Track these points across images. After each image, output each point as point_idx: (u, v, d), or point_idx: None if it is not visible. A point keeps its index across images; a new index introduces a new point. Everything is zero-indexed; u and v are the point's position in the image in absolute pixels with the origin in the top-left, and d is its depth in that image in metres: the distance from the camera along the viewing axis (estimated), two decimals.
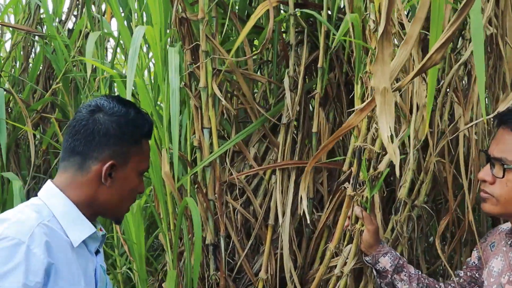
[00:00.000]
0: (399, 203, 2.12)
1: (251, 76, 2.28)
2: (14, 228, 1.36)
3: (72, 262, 1.45)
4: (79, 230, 1.49)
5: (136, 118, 1.54)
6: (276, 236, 2.31)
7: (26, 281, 1.31)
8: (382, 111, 1.12)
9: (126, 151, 1.52)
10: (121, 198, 1.56)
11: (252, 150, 2.34)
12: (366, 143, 1.68)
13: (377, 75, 1.12)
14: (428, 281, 1.95)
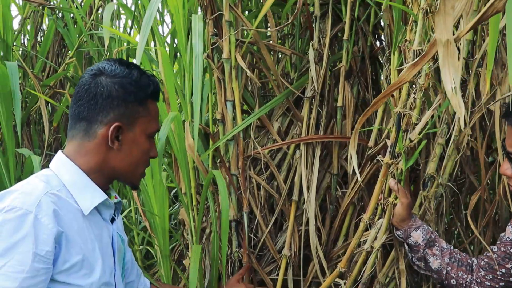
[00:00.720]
0: (428, 178, 2.11)
1: (276, 47, 2.25)
2: (21, 198, 1.37)
3: (85, 230, 1.47)
4: (90, 198, 1.50)
5: (140, 78, 1.53)
6: (300, 212, 2.30)
7: (36, 250, 1.33)
8: (445, 63, 1.10)
9: (132, 112, 1.51)
10: (133, 162, 1.55)
11: (275, 124, 2.32)
12: (406, 109, 1.66)
13: (439, 26, 1.10)
14: (460, 256, 1.95)
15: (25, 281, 1.32)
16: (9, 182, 2.47)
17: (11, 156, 2.44)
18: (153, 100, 1.57)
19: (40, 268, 1.34)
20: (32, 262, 1.33)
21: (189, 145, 2.05)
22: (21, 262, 1.32)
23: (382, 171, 1.84)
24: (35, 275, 1.33)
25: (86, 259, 1.45)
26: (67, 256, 1.41)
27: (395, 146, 1.76)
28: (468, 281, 1.91)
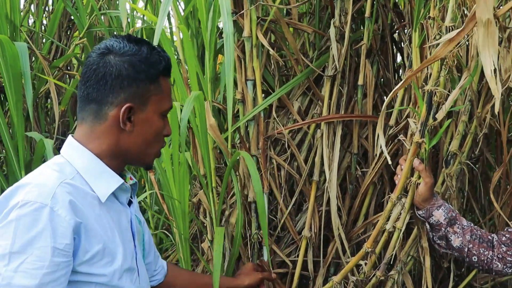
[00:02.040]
0: (450, 155, 2.18)
1: (297, 25, 2.31)
2: (35, 191, 1.37)
3: (103, 217, 1.47)
4: (105, 184, 1.50)
5: (150, 55, 1.50)
6: (321, 193, 2.36)
7: (55, 244, 1.34)
8: (485, 43, 1.15)
9: (144, 91, 1.49)
10: (147, 143, 1.54)
11: (295, 104, 2.37)
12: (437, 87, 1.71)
13: (480, 6, 1.15)
14: (480, 232, 2.01)
15: (46, 277, 1.32)
16: (18, 166, 2.51)
17: (20, 140, 2.47)
18: (164, 77, 1.55)
19: (60, 262, 1.35)
20: (52, 257, 1.33)
21: (210, 125, 2.11)
22: (40, 258, 1.32)
23: (412, 150, 1.89)
24: (55, 270, 1.34)
25: (107, 247, 1.46)
26: (88, 246, 1.41)
27: (426, 124, 1.81)
28: (490, 257, 1.98)
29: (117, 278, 1.48)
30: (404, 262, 2.17)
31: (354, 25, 2.50)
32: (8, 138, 2.48)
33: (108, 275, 1.46)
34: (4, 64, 2.33)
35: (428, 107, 1.77)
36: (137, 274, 1.59)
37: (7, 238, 1.32)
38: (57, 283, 1.34)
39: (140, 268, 1.63)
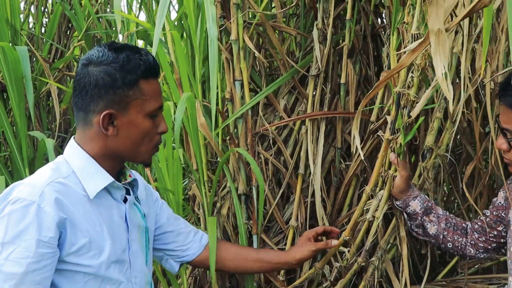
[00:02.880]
0: (427, 150, 2.36)
1: (281, 28, 2.48)
2: (26, 190, 1.57)
3: (92, 213, 1.65)
4: (95, 182, 1.66)
5: (127, 61, 1.60)
6: (306, 185, 2.54)
7: (40, 236, 1.53)
8: (437, 50, 1.34)
9: (122, 97, 1.61)
10: (135, 143, 1.67)
11: (281, 102, 2.56)
12: (405, 89, 1.90)
13: (431, 17, 1.33)
14: (455, 220, 2.19)
15: (31, 265, 1.52)
16: (22, 164, 2.69)
17: (23, 139, 2.66)
18: (146, 79, 1.63)
19: (45, 253, 1.54)
20: (36, 248, 1.52)
21: (201, 124, 2.29)
22: (27, 249, 1.51)
23: (383, 146, 2.07)
24: (40, 259, 1.53)
25: (94, 241, 1.63)
26: (74, 240, 1.59)
27: (395, 123, 2.00)
28: (463, 243, 2.16)
29: (104, 269, 1.66)
30: (384, 249, 2.36)
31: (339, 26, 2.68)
32: (12, 137, 2.66)
33: (94, 266, 1.64)
34: (6, 68, 2.51)
35: (397, 107, 1.96)
36: (128, 266, 1.75)
37: (1, 230, 1.53)
38: (42, 271, 1.54)
39: (134, 260, 1.78)
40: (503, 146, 1.88)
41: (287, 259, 2.18)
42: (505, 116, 1.84)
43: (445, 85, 1.31)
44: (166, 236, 2.04)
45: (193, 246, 2.10)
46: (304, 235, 2.22)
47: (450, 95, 1.34)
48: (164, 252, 2.08)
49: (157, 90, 1.68)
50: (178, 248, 2.07)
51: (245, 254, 2.20)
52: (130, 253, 1.77)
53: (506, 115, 1.83)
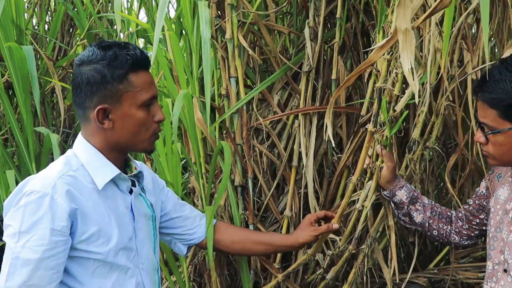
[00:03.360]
0: (413, 142, 2.49)
1: (274, 27, 2.61)
2: (40, 183, 1.72)
3: (100, 204, 1.79)
4: (102, 174, 1.80)
5: (115, 57, 1.71)
6: (299, 177, 2.67)
7: (53, 225, 1.68)
8: (404, 48, 1.47)
9: (114, 91, 1.73)
10: (133, 133, 1.79)
11: (275, 97, 2.69)
12: (386, 84, 2.03)
13: (399, 17, 1.46)
14: (440, 209, 2.31)
15: (46, 252, 1.66)
16: (28, 158, 2.84)
17: (30, 135, 2.80)
18: (135, 72, 1.74)
19: (58, 240, 1.68)
20: (51, 236, 1.66)
21: (198, 119, 2.43)
22: (41, 237, 1.66)
23: (366, 138, 2.21)
24: (54, 247, 1.67)
25: (102, 230, 1.77)
26: (84, 228, 1.74)
27: (377, 117, 2.13)
28: (448, 231, 2.27)
29: (112, 255, 1.80)
30: (374, 237, 2.49)
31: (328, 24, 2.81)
32: (19, 133, 2.81)
33: (103, 253, 1.78)
34: (12, 67, 2.64)
35: (379, 102, 2.09)
36: (135, 253, 1.89)
37: (17, 220, 1.68)
38: (56, 257, 1.68)
39: (141, 248, 1.92)
40: (480, 139, 1.97)
41: (291, 242, 2.31)
42: (481, 111, 1.93)
43: (412, 79, 1.44)
44: (173, 222, 2.19)
45: (199, 230, 2.24)
46: (306, 219, 2.34)
47: (416, 88, 1.47)
48: (172, 236, 2.23)
49: (148, 81, 1.79)
50: (185, 232, 2.22)
51: (252, 237, 2.34)
52: (137, 241, 1.91)
53: (483, 110, 1.92)
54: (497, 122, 1.88)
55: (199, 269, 2.73)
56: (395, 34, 1.54)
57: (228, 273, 2.74)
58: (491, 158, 1.99)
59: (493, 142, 1.93)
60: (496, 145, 1.92)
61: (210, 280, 2.56)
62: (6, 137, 3.22)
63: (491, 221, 2.08)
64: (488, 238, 2.08)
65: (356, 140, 2.57)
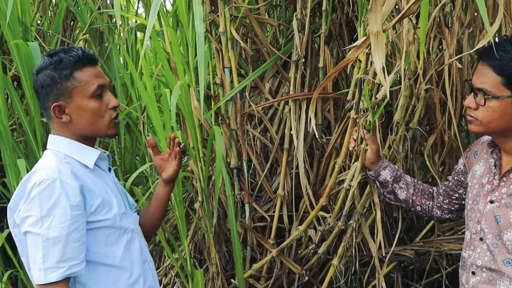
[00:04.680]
0: (395, 124, 2.67)
1: (264, 20, 2.78)
2: (45, 172, 1.90)
3: (96, 181, 2.00)
4: (89, 156, 2.02)
5: (59, 61, 1.93)
6: (291, 158, 2.85)
7: (71, 202, 1.86)
8: (376, 49, 1.63)
9: (64, 89, 1.94)
10: (91, 121, 1.98)
11: (267, 85, 2.87)
12: (366, 75, 2.20)
13: (371, 21, 1.62)
14: (422, 186, 2.46)
15: (71, 226, 1.84)
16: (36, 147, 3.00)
17: (37, 125, 2.96)
18: (80, 69, 1.95)
19: (77, 214, 1.86)
20: (71, 212, 1.84)
21: (195, 107, 2.60)
22: (63, 215, 1.83)
23: (349, 124, 2.39)
24: (75, 221, 1.85)
25: (105, 200, 1.97)
26: (91, 202, 1.92)
27: (359, 104, 2.30)
28: (430, 206, 2.43)
29: (118, 219, 2.00)
30: (361, 213, 2.67)
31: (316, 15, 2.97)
32: (27, 123, 2.98)
33: (111, 218, 1.97)
34: (20, 62, 2.80)
35: (359, 91, 2.26)
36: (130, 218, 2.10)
37: (35, 209, 1.84)
38: (79, 230, 1.86)
39: (131, 215, 2.14)
40: (471, 104, 2.08)
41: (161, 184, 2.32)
42: (483, 76, 2.04)
43: (383, 77, 1.61)
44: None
45: None
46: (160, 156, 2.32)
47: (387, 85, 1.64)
48: None
49: (93, 74, 1.99)
50: None
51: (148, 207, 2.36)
52: (126, 209, 2.12)
53: (485, 75, 2.03)
54: (497, 88, 2.00)
55: (199, 247, 2.92)
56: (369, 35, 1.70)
57: (227, 249, 2.93)
58: (476, 124, 2.10)
59: (486, 107, 2.03)
60: (488, 111, 2.04)
61: (210, 256, 2.75)
62: (14, 127, 3.38)
63: (468, 195, 2.24)
64: (466, 210, 2.24)
65: (343, 124, 2.74)
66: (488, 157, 2.21)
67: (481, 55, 2.07)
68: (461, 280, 2.23)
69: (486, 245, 2.10)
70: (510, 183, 2.09)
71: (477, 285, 2.12)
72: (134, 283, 2.03)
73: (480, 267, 2.11)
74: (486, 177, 2.18)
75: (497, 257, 2.06)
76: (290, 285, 2.90)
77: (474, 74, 2.10)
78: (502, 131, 2.09)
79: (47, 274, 1.82)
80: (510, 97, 2.00)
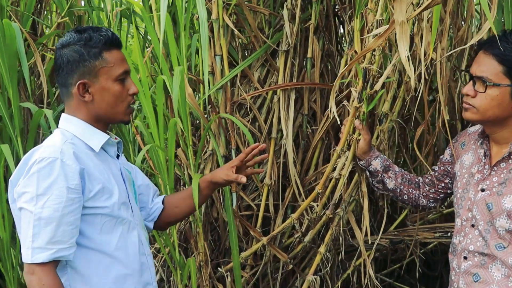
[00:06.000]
0: (383, 115, 2.74)
1: (256, 8, 2.79)
2: (48, 150, 1.88)
3: (99, 165, 1.97)
4: (96, 140, 2.00)
5: (90, 38, 1.92)
6: (278, 148, 2.88)
7: (68, 184, 1.84)
8: (401, 38, 1.68)
9: (91, 68, 1.92)
10: (110, 105, 1.97)
11: (256, 74, 2.88)
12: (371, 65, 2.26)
13: (397, 11, 1.67)
14: (409, 176, 2.53)
15: (65, 209, 1.82)
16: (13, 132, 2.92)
17: (15, 110, 2.87)
18: (108, 50, 1.94)
19: (74, 197, 1.84)
20: (67, 194, 1.82)
21: (189, 94, 2.59)
22: (59, 196, 1.81)
23: (351, 112, 2.43)
24: (71, 203, 1.83)
25: (106, 187, 1.94)
26: (91, 187, 1.90)
27: (362, 93, 2.36)
28: (417, 195, 2.50)
29: (116, 209, 1.97)
30: (348, 201, 2.73)
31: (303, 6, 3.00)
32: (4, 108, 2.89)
33: (109, 206, 1.94)
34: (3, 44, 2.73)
35: (363, 80, 2.32)
36: (131, 209, 2.07)
37: (32, 185, 1.82)
38: (73, 213, 1.84)
39: (133, 205, 2.10)
40: (470, 92, 2.16)
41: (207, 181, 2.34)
42: (484, 65, 2.12)
43: (408, 65, 1.67)
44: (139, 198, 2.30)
45: (156, 206, 2.36)
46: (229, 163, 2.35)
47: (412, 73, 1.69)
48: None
49: (120, 58, 1.99)
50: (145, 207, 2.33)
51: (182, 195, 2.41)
52: (130, 199, 2.09)
53: (486, 64, 2.11)
54: (498, 77, 2.09)
55: (185, 235, 2.92)
56: (391, 24, 1.75)
57: (212, 238, 2.94)
58: (472, 112, 2.17)
59: (485, 95, 2.12)
60: (487, 99, 2.12)
61: (197, 245, 2.75)
62: None
63: (458, 184, 2.31)
64: (456, 198, 2.32)
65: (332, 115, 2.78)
66: (477, 147, 2.29)
67: (482, 45, 2.15)
68: (452, 265, 2.31)
69: (478, 231, 2.18)
70: (501, 172, 2.18)
71: (469, 269, 2.21)
72: (127, 275, 2.01)
73: (472, 252, 2.20)
74: (476, 166, 2.26)
75: (489, 242, 2.15)
76: (273, 273, 2.94)
77: (474, 63, 2.18)
78: (497, 120, 2.17)
79: (34, 254, 1.81)
80: (509, 86, 2.09)
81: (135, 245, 2.04)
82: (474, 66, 2.17)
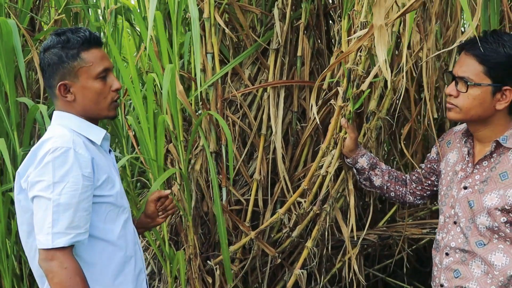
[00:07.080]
0: (370, 113, 2.77)
1: (247, 7, 2.83)
2: (60, 140, 1.93)
3: (101, 157, 2.04)
4: (96, 133, 2.07)
5: (67, 40, 1.97)
6: (267, 144, 2.91)
7: (83, 172, 1.90)
8: (379, 41, 1.71)
9: (70, 69, 1.97)
10: (93, 102, 2.02)
11: (246, 72, 2.92)
12: (355, 66, 2.29)
13: (375, 15, 1.70)
14: (396, 173, 2.56)
15: (81, 195, 1.88)
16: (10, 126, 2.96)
17: (12, 105, 2.92)
18: (87, 50, 1.99)
19: (88, 184, 1.90)
20: (83, 181, 1.88)
21: (179, 91, 2.63)
22: (75, 183, 1.87)
23: (336, 111, 2.45)
24: (86, 190, 1.89)
25: (109, 176, 2.01)
26: (98, 176, 1.96)
27: (346, 93, 2.39)
28: (404, 192, 2.53)
29: (119, 197, 2.04)
30: (335, 197, 2.76)
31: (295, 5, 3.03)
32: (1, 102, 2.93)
33: (114, 195, 2.02)
34: None
35: (348, 80, 2.35)
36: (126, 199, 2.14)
37: (48, 174, 1.87)
38: (88, 200, 1.91)
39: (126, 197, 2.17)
40: (453, 92, 2.18)
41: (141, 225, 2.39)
42: (465, 66, 2.14)
43: (385, 68, 1.70)
44: None
45: None
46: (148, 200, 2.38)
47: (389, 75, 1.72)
48: None
49: (99, 56, 2.03)
50: None
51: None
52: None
53: (467, 65, 2.13)
54: (479, 77, 2.11)
55: (175, 229, 2.96)
56: (370, 29, 1.77)
57: (202, 232, 2.98)
58: (456, 112, 2.20)
59: (467, 95, 2.14)
60: (469, 98, 2.15)
61: (187, 238, 2.79)
62: None
63: (442, 181, 2.34)
64: (440, 195, 2.34)
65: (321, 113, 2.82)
66: (462, 146, 2.32)
67: (464, 46, 2.18)
68: (435, 261, 2.34)
69: (459, 228, 2.21)
70: (483, 170, 2.21)
71: (450, 265, 2.24)
72: (126, 262, 2.07)
73: (453, 248, 2.23)
74: (460, 164, 2.29)
75: (470, 239, 2.17)
76: (262, 267, 2.98)
77: (456, 64, 2.20)
78: (479, 119, 2.20)
79: (55, 239, 1.85)
80: (490, 85, 2.12)
81: (132, 234, 2.12)
82: (456, 67, 2.20)
